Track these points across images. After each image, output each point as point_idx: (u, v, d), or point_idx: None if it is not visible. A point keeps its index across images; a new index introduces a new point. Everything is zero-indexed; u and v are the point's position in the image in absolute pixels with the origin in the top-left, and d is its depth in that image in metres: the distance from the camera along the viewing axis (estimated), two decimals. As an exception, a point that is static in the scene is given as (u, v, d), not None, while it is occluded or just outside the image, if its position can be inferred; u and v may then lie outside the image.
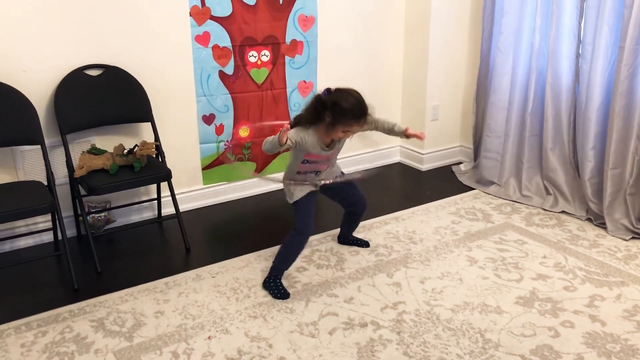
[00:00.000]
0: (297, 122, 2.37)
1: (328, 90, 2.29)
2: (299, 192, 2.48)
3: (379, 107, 3.93)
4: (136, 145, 2.83)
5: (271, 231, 3.12)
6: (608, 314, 2.32)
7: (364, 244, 2.89)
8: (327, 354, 2.11)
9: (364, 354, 2.11)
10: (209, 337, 2.21)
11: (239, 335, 2.22)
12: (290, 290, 2.48)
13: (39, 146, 2.69)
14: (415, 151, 4.04)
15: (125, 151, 2.84)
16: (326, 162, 2.49)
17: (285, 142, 2.26)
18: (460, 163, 4.05)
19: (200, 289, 2.54)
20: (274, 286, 2.49)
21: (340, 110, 2.24)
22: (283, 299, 2.44)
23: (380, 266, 2.72)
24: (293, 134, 2.31)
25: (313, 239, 2.95)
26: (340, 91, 2.29)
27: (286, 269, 2.57)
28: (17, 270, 2.71)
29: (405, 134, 2.54)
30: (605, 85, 3.00)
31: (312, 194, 2.49)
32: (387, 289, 2.52)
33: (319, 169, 2.49)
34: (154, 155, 2.94)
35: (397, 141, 4.15)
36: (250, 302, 2.44)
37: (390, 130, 2.57)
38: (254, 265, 2.73)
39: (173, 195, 2.97)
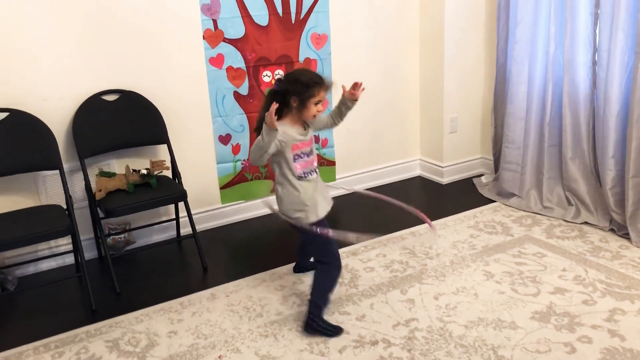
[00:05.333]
0: (262, 123, 2.18)
1: (278, 80, 2.25)
2: (323, 205, 2.31)
3: (397, 120, 3.97)
4: (147, 168, 2.91)
5: (287, 249, 3.13)
6: (628, 329, 2.25)
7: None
8: (335, 372, 2.10)
9: (373, 373, 2.09)
10: (219, 357, 2.22)
11: (249, 355, 2.23)
12: (302, 308, 2.47)
13: (58, 171, 2.78)
14: (435, 164, 4.01)
15: (142, 172, 2.91)
16: (312, 152, 2.33)
17: (275, 129, 2.09)
18: (482, 175, 4.00)
19: (214, 308, 2.57)
20: (323, 325, 2.32)
21: (304, 84, 2.19)
22: (340, 332, 2.32)
23: (395, 283, 2.69)
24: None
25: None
26: (289, 74, 2.29)
27: (327, 305, 2.38)
28: (39, 292, 2.79)
29: (345, 96, 2.38)
30: (623, 92, 2.93)
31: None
32: (400, 306, 2.50)
33: (314, 164, 2.32)
34: (170, 174, 3.00)
35: (416, 154, 4.13)
36: (262, 320, 2.45)
37: (338, 109, 2.42)
38: (268, 283, 2.75)
39: (190, 215, 3.01)
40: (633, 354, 2.10)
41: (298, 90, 2.20)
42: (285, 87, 2.22)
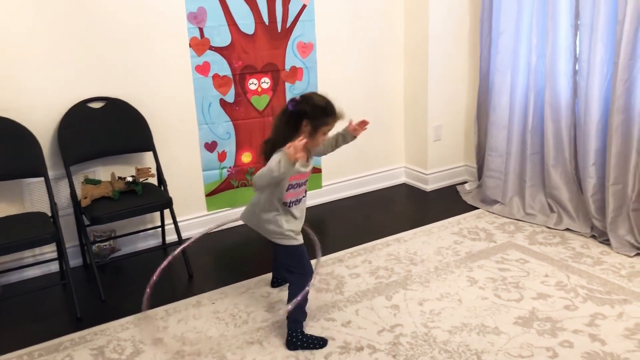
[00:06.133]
0: (273, 146, 2.16)
1: (293, 100, 2.18)
2: (299, 231, 2.29)
3: (382, 128, 4.01)
4: (133, 176, 2.91)
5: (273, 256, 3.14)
6: (609, 333, 2.29)
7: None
8: (321, 378, 2.12)
9: (358, 378, 2.11)
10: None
11: (235, 361, 2.24)
12: (288, 315, 2.48)
13: (43, 178, 2.77)
14: (419, 172, 4.05)
15: (128, 179, 2.91)
16: (305, 183, 2.31)
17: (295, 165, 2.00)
18: (466, 182, 4.05)
19: (200, 315, 2.57)
20: (305, 340, 2.28)
21: (320, 110, 2.14)
22: (325, 344, 2.29)
23: (380, 289, 2.72)
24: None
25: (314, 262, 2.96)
26: (305, 96, 2.20)
27: (304, 319, 2.36)
28: (23, 300, 2.77)
29: (349, 130, 2.41)
30: (602, 101, 3.00)
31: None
32: (385, 312, 2.52)
33: (302, 194, 2.30)
34: (155, 181, 3.00)
35: (401, 162, 4.17)
36: (248, 327, 2.45)
37: (335, 141, 2.44)
38: (254, 290, 2.76)
39: (175, 222, 3.01)
40: (613, 358, 2.14)
41: (314, 115, 2.13)
42: (303, 109, 2.14)
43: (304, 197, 2.34)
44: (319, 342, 2.30)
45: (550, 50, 3.17)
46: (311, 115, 2.14)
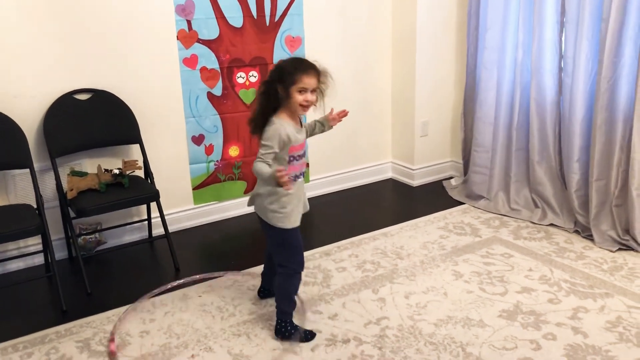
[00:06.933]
0: (257, 120, 2.15)
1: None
2: (297, 214, 2.23)
3: (370, 123, 4.02)
4: (119, 168, 2.90)
5: (260, 250, 3.14)
6: (591, 326, 2.33)
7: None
8: (308, 370, 2.13)
9: (345, 370, 2.12)
10: (192, 356, 2.23)
11: (222, 354, 2.24)
12: (275, 308, 2.48)
13: (28, 170, 2.75)
14: (406, 167, 4.07)
15: (114, 171, 2.89)
16: (305, 155, 2.27)
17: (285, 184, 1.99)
18: (452, 178, 4.08)
19: (187, 308, 2.57)
20: (293, 332, 2.29)
21: (286, 71, 2.10)
22: (312, 337, 2.30)
23: (366, 282, 2.73)
24: (275, 133, 2.10)
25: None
26: (276, 63, 2.21)
27: (294, 309, 2.34)
28: (7, 293, 2.75)
29: (328, 119, 2.39)
30: (587, 98, 3.04)
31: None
32: (371, 305, 2.54)
33: (303, 166, 2.26)
34: (142, 174, 2.99)
35: (388, 157, 4.19)
36: (234, 320, 2.46)
37: (314, 125, 2.41)
38: (241, 283, 2.76)
39: (162, 215, 3.00)
40: (595, 350, 2.18)
41: (282, 77, 2.11)
42: (273, 75, 2.14)
43: (302, 174, 2.28)
44: (306, 335, 2.30)
45: (536, 47, 3.20)
46: (280, 78, 2.11)
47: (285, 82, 2.11)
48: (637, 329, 2.29)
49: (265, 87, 2.16)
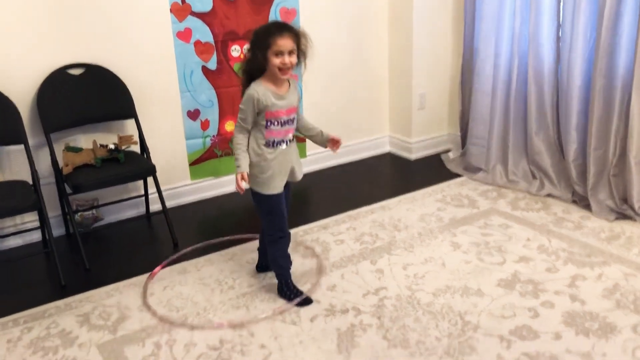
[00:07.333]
0: (244, 89, 2.20)
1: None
2: (279, 181, 2.25)
3: (367, 97, 3.99)
4: (115, 143, 2.88)
5: (258, 224, 3.13)
6: (588, 293, 2.33)
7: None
8: (307, 340, 2.14)
9: (344, 339, 2.13)
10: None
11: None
12: (274, 281, 2.49)
13: (23, 146, 2.73)
14: (404, 140, 4.05)
15: (110, 146, 2.87)
16: (290, 123, 2.25)
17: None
18: (449, 151, 4.06)
19: (185, 282, 2.57)
20: (288, 292, 2.36)
21: (260, 36, 2.12)
22: (308, 302, 2.35)
23: (365, 254, 2.73)
24: (248, 97, 2.15)
25: (299, 229, 2.97)
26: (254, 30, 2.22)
27: (290, 267, 2.40)
28: (6, 269, 2.75)
29: (325, 140, 2.42)
30: (585, 65, 3.01)
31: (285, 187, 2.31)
32: (369, 276, 2.54)
33: (288, 133, 2.25)
34: (138, 148, 2.97)
35: (386, 131, 4.17)
36: (234, 293, 2.46)
37: (313, 134, 2.43)
38: (239, 257, 2.76)
39: (159, 191, 2.99)
40: (592, 316, 2.19)
41: (257, 43, 2.12)
42: (250, 44, 2.16)
43: (290, 141, 2.28)
44: (301, 297, 2.34)
45: (533, 15, 3.17)
46: (257, 44, 2.13)
47: (262, 47, 2.12)
48: (634, 295, 2.30)
49: (247, 54, 2.20)
